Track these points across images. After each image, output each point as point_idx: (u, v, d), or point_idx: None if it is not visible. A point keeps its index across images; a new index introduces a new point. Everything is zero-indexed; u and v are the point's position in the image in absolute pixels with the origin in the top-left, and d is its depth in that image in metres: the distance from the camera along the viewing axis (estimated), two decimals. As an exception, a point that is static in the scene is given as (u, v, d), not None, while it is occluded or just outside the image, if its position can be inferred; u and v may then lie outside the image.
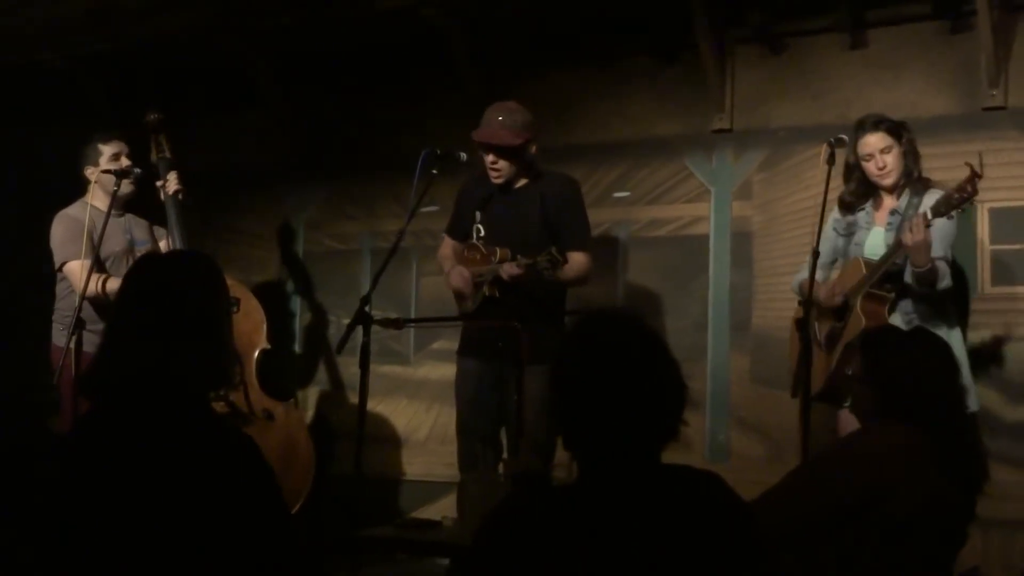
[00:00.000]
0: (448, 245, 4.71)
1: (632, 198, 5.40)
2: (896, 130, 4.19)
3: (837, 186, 4.24)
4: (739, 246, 5.16)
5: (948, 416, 2.76)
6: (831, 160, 4.03)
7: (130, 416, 2.19)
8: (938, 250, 4.01)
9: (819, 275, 4.37)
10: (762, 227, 5.13)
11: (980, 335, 4.60)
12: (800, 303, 4.28)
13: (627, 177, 5.42)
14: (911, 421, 2.70)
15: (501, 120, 4.34)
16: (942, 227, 4.01)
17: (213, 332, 2.31)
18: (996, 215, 4.63)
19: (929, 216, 3.90)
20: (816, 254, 3.95)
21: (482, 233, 4.49)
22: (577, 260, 4.36)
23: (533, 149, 4.41)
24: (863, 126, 4.21)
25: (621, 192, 5.41)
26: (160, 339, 2.22)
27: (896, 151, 4.17)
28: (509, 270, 4.17)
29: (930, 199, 4.10)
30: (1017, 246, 4.62)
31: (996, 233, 4.64)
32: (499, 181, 4.42)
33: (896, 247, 4.02)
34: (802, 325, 4.02)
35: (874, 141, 4.17)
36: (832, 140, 4.09)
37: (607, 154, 5.45)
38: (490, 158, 4.38)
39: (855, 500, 2.62)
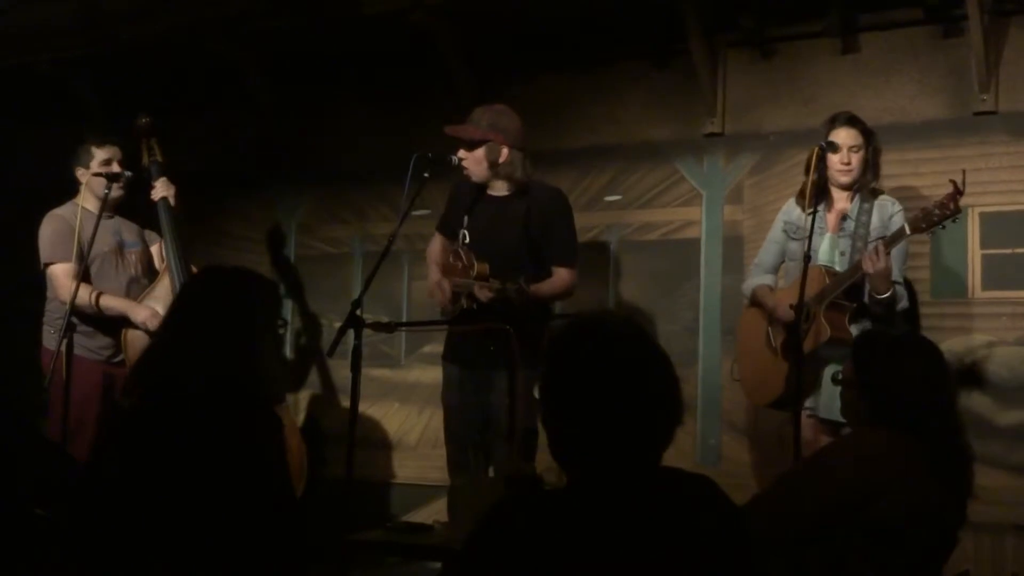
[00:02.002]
0: (438, 242, 4.71)
1: (623, 202, 5.40)
2: (868, 134, 4.22)
3: (826, 192, 4.27)
4: (730, 250, 5.16)
5: (939, 421, 2.77)
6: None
7: (169, 412, 2.34)
8: (896, 273, 4.02)
9: (767, 279, 4.39)
10: (753, 231, 5.12)
11: (970, 339, 4.60)
12: (767, 308, 4.30)
13: (618, 181, 5.41)
14: (901, 426, 2.71)
15: (474, 118, 4.38)
16: (897, 250, 4.03)
17: (256, 347, 2.43)
18: (987, 219, 4.64)
19: (907, 231, 3.90)
20: (807, 259, 3.94)
21: (467, 240, 4.49)
22: (560, 276, 4.38)
23: (504, 153, 4.34)
24: (837, 119, 4.24)
25: (612, 196, 5.41)
26: (206, 346, 2.38)
27: (862, 154, 4.20)
28: (480, 293, 4.17)
29: (882, 208, 4.13)
30: (1007, 250, 4.63)
31: (987, 237, 4.64)
32: (468, 175, 4.42)
33: (855, 269, 4.02)
34: (791, 332, 3.99)
35: (845, 136, 4.20)
36: (823, 144, 4.10)
37: (598, 158, 5.45)
38: (460, 151, 4.40)
39: (845, 503, 2.63)
